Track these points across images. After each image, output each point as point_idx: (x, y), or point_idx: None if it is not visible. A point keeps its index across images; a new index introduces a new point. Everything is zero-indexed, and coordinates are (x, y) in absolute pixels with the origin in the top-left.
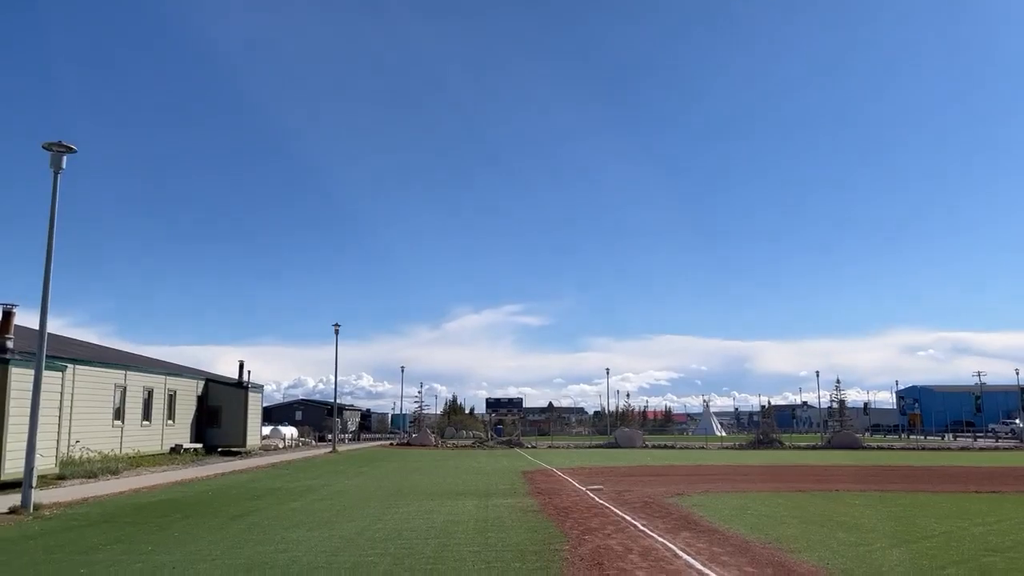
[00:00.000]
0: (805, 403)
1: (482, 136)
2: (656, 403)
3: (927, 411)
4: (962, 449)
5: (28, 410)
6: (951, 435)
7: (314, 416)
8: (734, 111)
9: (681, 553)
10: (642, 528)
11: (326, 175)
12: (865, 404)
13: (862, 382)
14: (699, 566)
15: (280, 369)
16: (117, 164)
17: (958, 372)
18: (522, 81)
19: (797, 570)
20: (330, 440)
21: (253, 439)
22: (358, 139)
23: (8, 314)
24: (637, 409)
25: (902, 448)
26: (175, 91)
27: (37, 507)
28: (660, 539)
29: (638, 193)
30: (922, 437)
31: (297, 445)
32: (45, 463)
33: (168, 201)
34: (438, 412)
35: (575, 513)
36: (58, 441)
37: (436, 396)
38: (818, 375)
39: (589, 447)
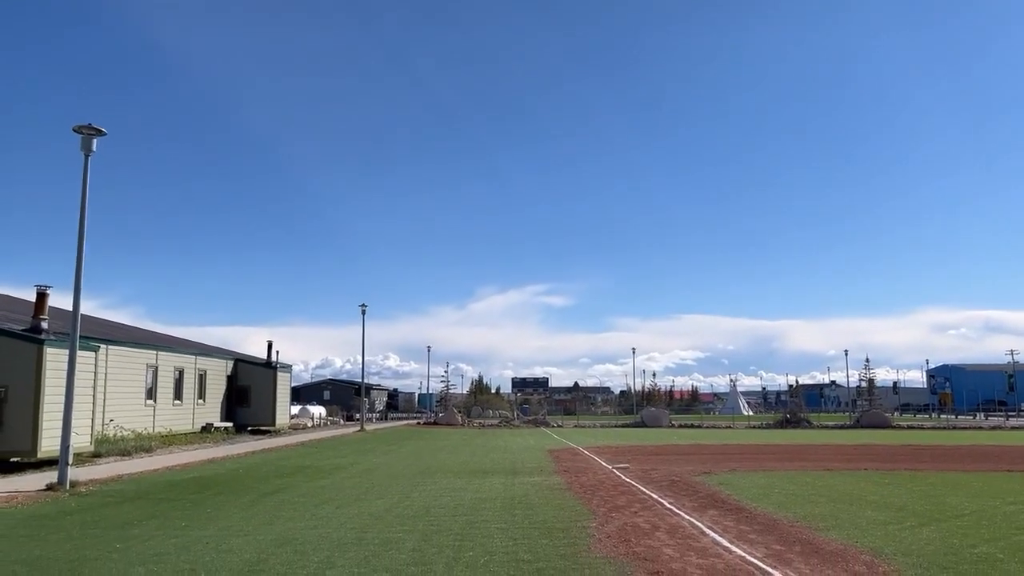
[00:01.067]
0: (833, 382)
1: (509, 115)
2: (682, 383)
3: (958, 390)
4: (994, 428)
5: (63, 389)
6: (983, 414)
7: (342, 396)
8: (749, 90)
9: (708, 531)
10: (669, 506)
11: (343, 157)
12: (895, 383)
13: (892, 361)
14: (726, 543)
15: (308, 349)
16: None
17: (990, 351)
18: (538, 58)
19: (825, 548)
20: (358, 419)
21: (282, 418)
22: (373, 119)
23: (42, 296)
24: (663, 389)
25: (932, 428)
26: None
27: (73, 484)
28: (687, 517)
29: (660, 174)
30: (953, 417)
31: (325, 424)
32: (80, 441)
33: (197, 183)
34: (464, 392)
35: (602, 491)
36: (92, 420)
37: (462, 376)
38: (847, 354)
39: (615, 426)
